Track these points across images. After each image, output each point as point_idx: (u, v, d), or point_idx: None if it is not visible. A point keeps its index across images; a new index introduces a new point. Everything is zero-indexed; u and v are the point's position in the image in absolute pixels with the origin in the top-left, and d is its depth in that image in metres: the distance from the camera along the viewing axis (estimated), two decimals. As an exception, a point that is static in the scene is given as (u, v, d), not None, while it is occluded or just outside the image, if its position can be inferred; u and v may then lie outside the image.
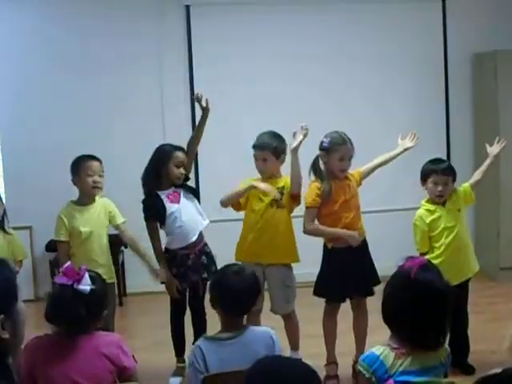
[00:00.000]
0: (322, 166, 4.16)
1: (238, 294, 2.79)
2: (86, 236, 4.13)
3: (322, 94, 6.22)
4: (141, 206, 4.26)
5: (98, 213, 4.20)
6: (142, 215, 4.28)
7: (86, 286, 2.55)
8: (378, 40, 6.33)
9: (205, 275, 4.27)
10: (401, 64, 6.40)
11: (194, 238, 4.24)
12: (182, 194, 4.27)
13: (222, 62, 6.13)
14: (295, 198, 4.18)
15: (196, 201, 4.38)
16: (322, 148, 4.10)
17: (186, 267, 4.24)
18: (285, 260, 4.25)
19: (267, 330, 2.87)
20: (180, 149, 4.26)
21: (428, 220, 4.20)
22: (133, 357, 2.68)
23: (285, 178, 4.24)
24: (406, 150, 4.39)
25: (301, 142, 4.01)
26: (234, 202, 4.25)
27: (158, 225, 4.29)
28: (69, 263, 2.65)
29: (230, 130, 5.99)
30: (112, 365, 2.56)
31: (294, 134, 4.05)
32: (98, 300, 2.62)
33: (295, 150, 4.02)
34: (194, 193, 4.42)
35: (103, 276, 2.83)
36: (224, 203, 4.26)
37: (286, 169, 4.24)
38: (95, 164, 4.17)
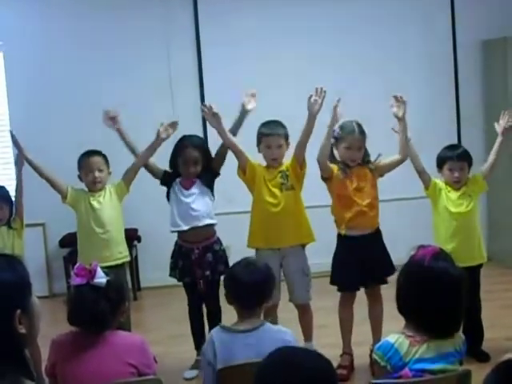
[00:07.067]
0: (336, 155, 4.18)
1: (251, 287, 2.78)
2: (99, 214, 4.20)
3: (336, 76, 6.04)
4: (149, 189, 4.36)
5: (108, 195, 4.27)
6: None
7: (101, 278, 2.55)
8: (386, 27, 6.29)
9: (207, 273, 4.19)
10: (409, 52, 6.37)
11: (185, 228, 4.20)
12: (196, 184, 4.26)
13: (230, 43, 6.13)
14: (301, 161, 4.15)
15: (209, 198, 4.31)
16: (333, 136, 4.11)
17: (190, 261, 4.21)
18: (303, 240, 4.21)
19: (285, 330, 2.83)
20: (192, 146, 4.23)
21: (443, 187, 4.24)
22: (154, 358, 2.65)
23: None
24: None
25: (320, 104, 4.01)
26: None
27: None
28: (78, 264, 2.63)
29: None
30: (133, 369, 2.54)
31: (310, 97, 4.02)
32: (116, 291, 2.61)
33: (316, 112, 4.01)
34: (211, 187, 4.33)
35: (120, 255, 2.88)
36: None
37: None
38: (93, 160, 4.24)
